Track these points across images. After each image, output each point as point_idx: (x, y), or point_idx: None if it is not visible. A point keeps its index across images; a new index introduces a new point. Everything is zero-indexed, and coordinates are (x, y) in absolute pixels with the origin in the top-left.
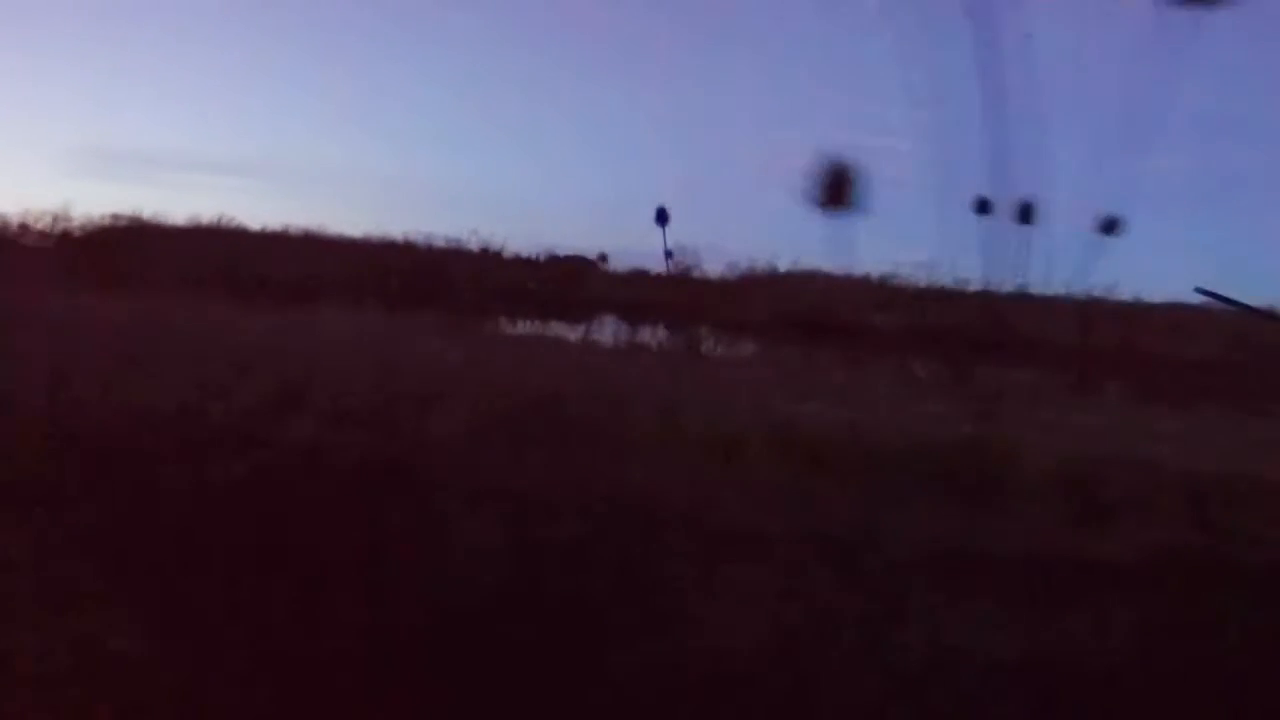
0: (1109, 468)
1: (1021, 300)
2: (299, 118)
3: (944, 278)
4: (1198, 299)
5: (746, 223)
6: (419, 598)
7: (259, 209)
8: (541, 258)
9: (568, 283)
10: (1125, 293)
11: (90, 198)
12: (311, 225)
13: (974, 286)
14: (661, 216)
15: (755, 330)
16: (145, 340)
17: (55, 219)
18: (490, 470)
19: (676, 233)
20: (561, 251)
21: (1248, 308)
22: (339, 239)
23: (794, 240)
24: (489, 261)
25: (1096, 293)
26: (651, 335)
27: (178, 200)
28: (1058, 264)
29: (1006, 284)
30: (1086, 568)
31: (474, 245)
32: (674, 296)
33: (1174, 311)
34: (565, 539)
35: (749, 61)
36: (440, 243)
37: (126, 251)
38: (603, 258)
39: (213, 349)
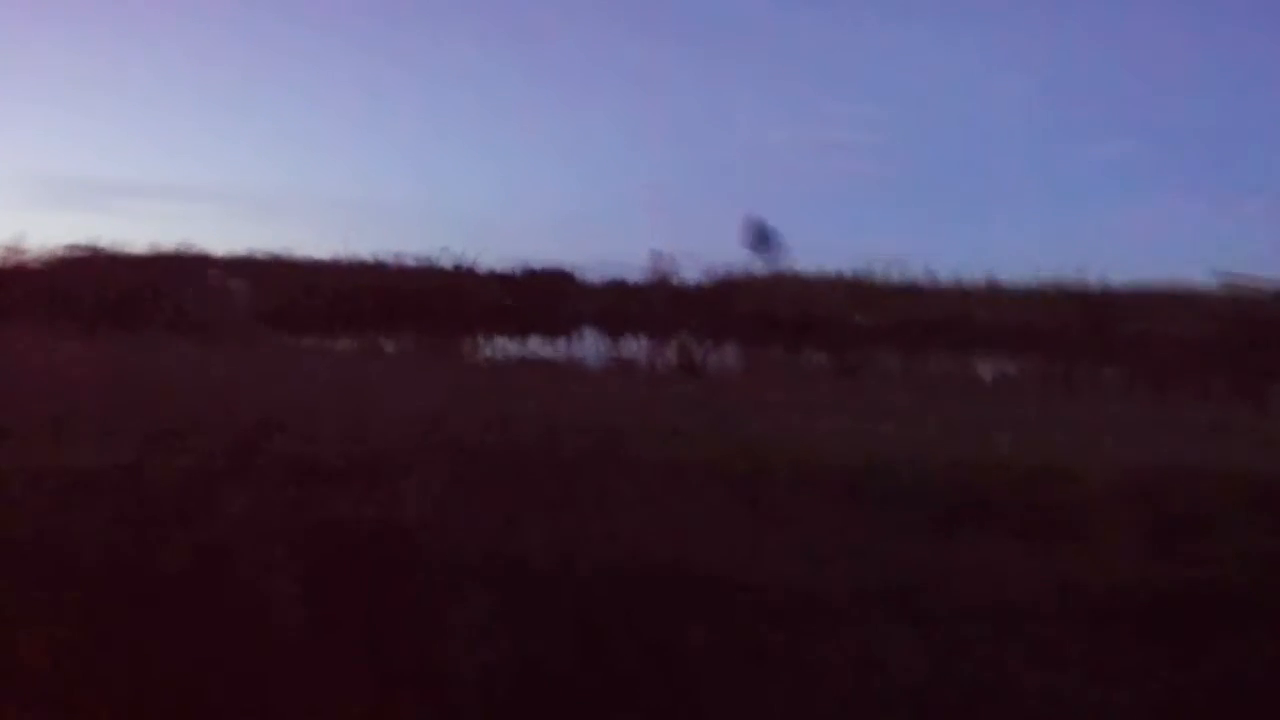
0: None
1: (992, 291)
2: (260, 142)
3: (914, 272)
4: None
5: (721, 226)
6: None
7: (223, 235)
8: (517, 272)
9: (547, 297)
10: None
11: (46, 227)
12: (278, 249)
13: (945, 279)
14: (760, 237)
15: (740, 337)
16: (93, 387)
17: (9, 250)
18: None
19: (651, 240)
20: (537, 265)
21: None
22: (307, 262)
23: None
24: (463, 279)
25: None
26: (643, 349)
27: (137, 228)
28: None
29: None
30: None
31: (446, 263)
32: (656, 305)
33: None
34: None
35: (710, 66)
36: (411, 262)
37: (84, 282)
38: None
39: (167, 396)
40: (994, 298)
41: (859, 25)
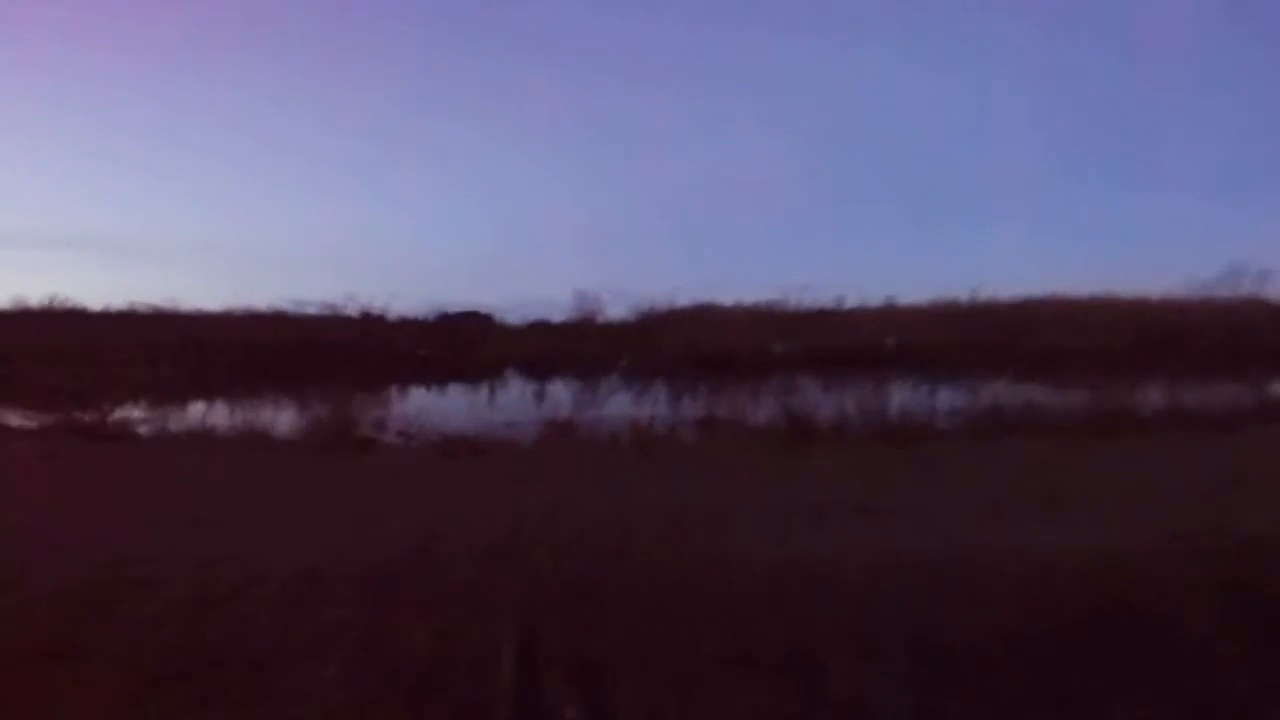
0: None
1: (888, 311)
2: (142, 187)
3: (823, 299)
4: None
5: (643, 262)
6: None
7: (98, 286)
8: (431, 317)
9: (464, 344)
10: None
11: None
12: (162, 301)
13: (850, 304)
14: None
15: (667, 373)
16: None
17: None
18: None
19: (577, 279)
20: (452, 309)
21: None
22: (194, 315)
23: (689, 275)
24: (371, 326)
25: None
26: (572, 400)
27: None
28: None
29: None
30: None
31: (353, 310)
32: (581, 346)
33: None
34: None
35: (619, 101)
36: (313, 310)
37: None
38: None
39: None
40: (904, 319)
41: (761, 53)
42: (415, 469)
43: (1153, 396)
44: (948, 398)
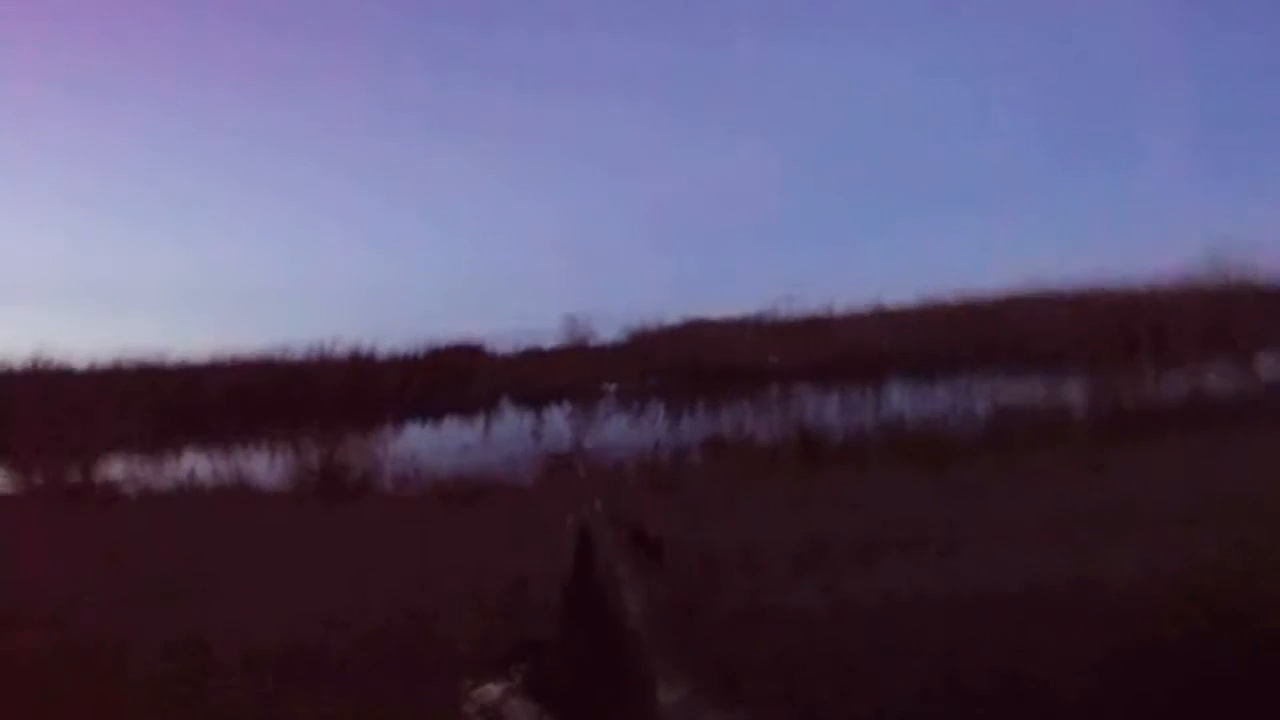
0: None
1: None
2: (119, 235)
3: (811, 306)
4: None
5: (630, 280)
6: None
7: (84, 337)
8: (420, 353)
9: (456, 377)
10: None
11: None
12: (148, 353)
13: (839, 309)
14: None
15: (664, 393)
16: None
17: None
18: None
19: (565, 303)
20: (441, 343)
21: None
22: (180, 366)
23: (677, 291)
24: (361, 367)
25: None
26: (570, 429)
27: None
28: None
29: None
30: None
31: (341, 351)
32: (574, 371)
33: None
34: None
35: (594, 115)
36: (301, 353)
37: None
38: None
39: None
40: (894, 321)
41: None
42: (409, 521)
43: (1163, 390)
44: (951, 402)
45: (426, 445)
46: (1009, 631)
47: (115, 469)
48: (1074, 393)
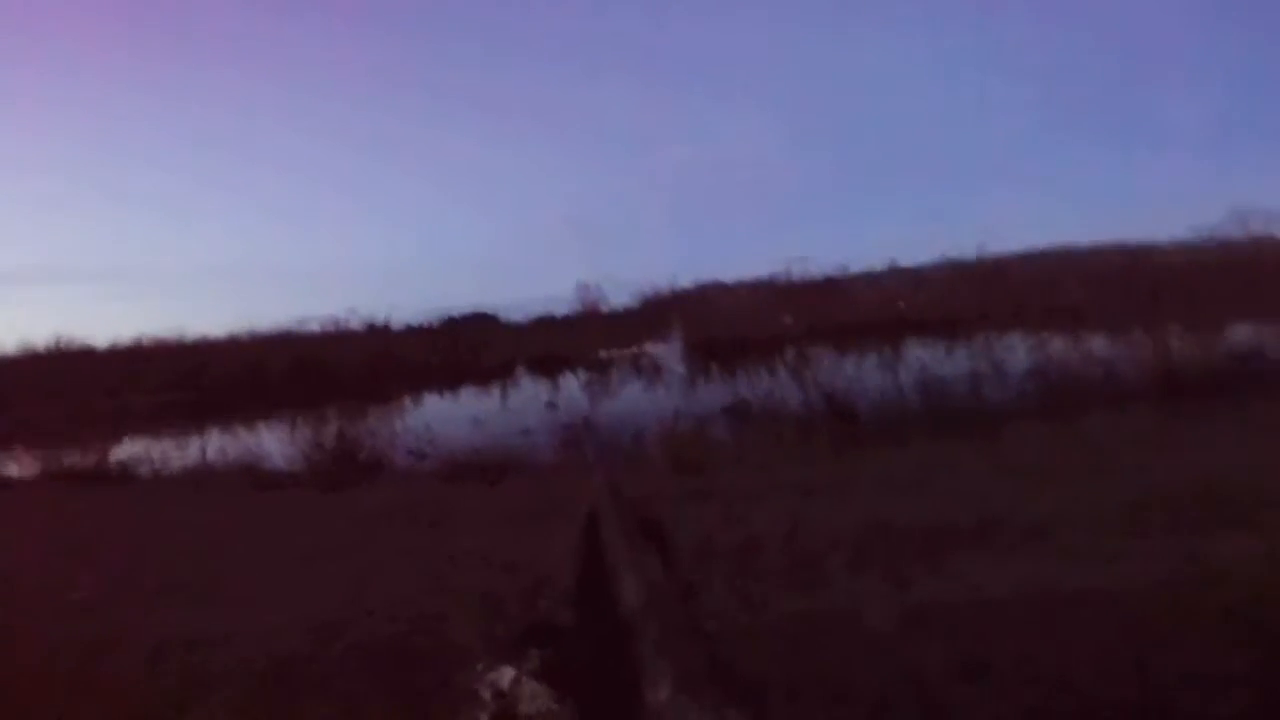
0: None
1: (903, 276)
2: (135, 215)
3: (826, 268)
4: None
5: (643, 248)
6: None
7: (106, 319)
8: (435, 324)
9: (471, 347)
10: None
11: None
12: (167, 331)
13: (855, 269)
14: None
15: (680, 359)
16: None
17: None
18: None
19: (577, 271)
20: (456, 312)
21: None
22: (199, 343)
23: (689, 258)
24: (377, 338)
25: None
26: (586, 398)
27: (5, 319)
28: None
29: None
30: None
31: (357, 324)
32: (587, 339)
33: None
34: None
35: (600, 89)
36: (317, 327)
37: None
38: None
39: None
40: (912, 282)
41: (748, 33)
42: (423, 504)
43: (1201, 354)
44: (982, 366)
45: (442, 417)
46: (1112, 641)
47: (132, 448)
48: (1110, 354)
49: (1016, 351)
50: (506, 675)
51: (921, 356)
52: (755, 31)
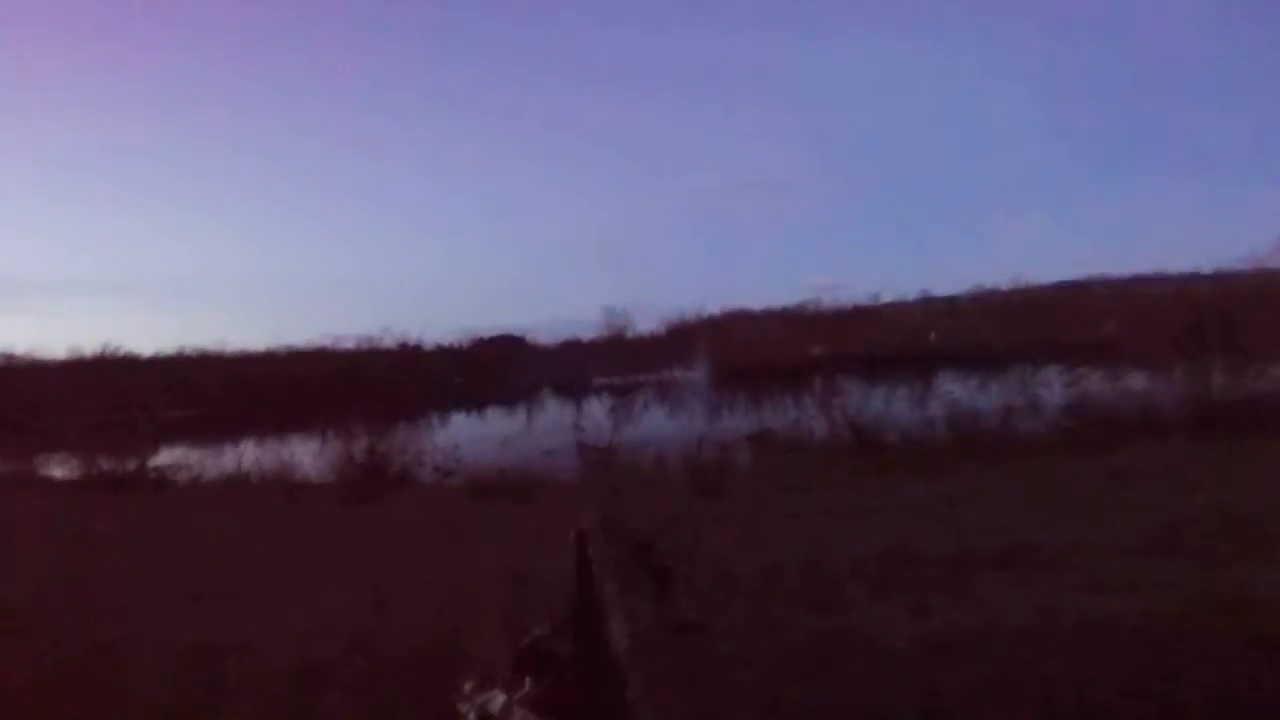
0: None
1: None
2: (179, 230)
3: (856, 296)
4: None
5: (669, 273)
6: None
7: (146, 331)
8: (465, 343)
9: (498, 368)
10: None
11: None
12: (208, 343)
13: (884, 299)
14: None
15: (705, 384)
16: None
17: None
18: None
19: (604, 295)
20: (485, 333)
21: None
22: (237, 355)
23: (716, 283)
24: (409, 356)
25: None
26: (610, 420)
27: (55, 328)
28: None
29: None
30: None
31: (390, 342)
32: (614, 363)
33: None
34: None
35: (636, 111)
36: (352, 343)
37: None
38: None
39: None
40: (944, 312)
41: (775, 56)
42: (446, 519)
43: (1239, 385)
44: (1013, 397)
45: (469, 435)
46: (1137, 668)
47: (171, 456)
48: (1144, 387)
49: (1050, 384)
50: (497, 700)
51: (952, 389)
52: (787, 56)
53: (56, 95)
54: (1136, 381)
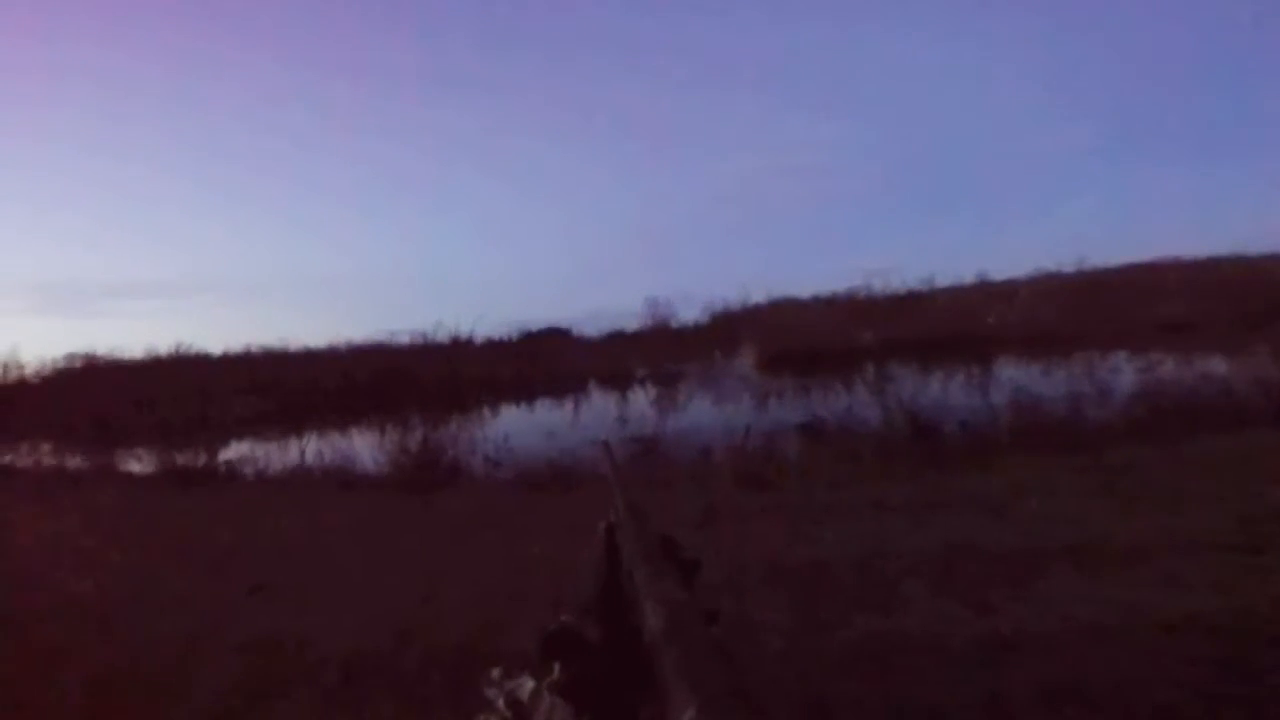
0: None
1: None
2: (246, 230)
3: (909, 281)
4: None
5: (713, 262)
6: None
7: (217, 327)
8: (513, 337)
9: (546, 360)
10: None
11: (39, 335)
12: (273, 341)
13: (939, 283)
14: None
15: (751, 375)
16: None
17: (5, 365)
18: None
19: (646, 285)
20: (534, 326)
21: None
22: (302, 352)
23: (761, 271)
24: (460, 351)
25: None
26: (656, 412)
27: (134, 330)
28: None
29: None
30: None
31: (442, 337)
32: (658, 353)
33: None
34: None
35: (668, 99)
36: (406, 339)
37: (84, 396)
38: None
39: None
40: (1004, 295)
41: (815, 42)
42: (494, 511)
43: None
44: (1078, 385)
45: (518, 427)
46: (1218, 671)
47: (239, 450)
48: (1222, 372)
49: (1120, 369)
50: (526, 686)
51: (1014, 375)
52: (829, 36)
53: (138, 101)
54: (1214, 366)
